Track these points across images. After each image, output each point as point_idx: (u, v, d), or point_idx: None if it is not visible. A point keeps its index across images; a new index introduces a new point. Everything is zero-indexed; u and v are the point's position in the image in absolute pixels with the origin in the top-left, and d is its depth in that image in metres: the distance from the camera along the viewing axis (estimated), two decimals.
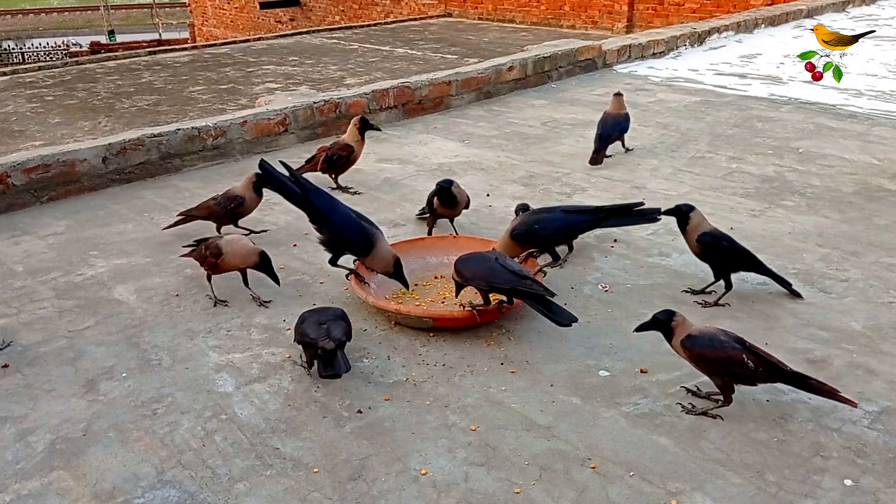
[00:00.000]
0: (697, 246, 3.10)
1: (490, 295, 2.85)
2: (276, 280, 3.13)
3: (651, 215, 3.28)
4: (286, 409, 2.48)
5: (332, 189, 4.34)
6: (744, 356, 2.34)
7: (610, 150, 4.93)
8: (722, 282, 3.11)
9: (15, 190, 4.27)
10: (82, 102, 9.25)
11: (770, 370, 2.35)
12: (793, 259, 3.51)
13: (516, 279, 2.76)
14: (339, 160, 4.37)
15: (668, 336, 2.46)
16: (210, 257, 3.11)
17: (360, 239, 3.09)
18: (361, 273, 3.18)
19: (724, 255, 3.09)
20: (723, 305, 3.08)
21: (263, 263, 3.09)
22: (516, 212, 3.50)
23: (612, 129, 4.88)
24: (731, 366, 2.35)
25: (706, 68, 7.90)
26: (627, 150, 5.08)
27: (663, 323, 2.45)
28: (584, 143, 5.41)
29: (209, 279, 3.21)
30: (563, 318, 2.70)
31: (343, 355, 2.54)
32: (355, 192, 4.40)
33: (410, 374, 2.67)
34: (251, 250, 3.10)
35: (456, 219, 3.81)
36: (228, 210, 3.68)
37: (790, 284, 3.15)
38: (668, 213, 3.16)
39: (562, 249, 3.45)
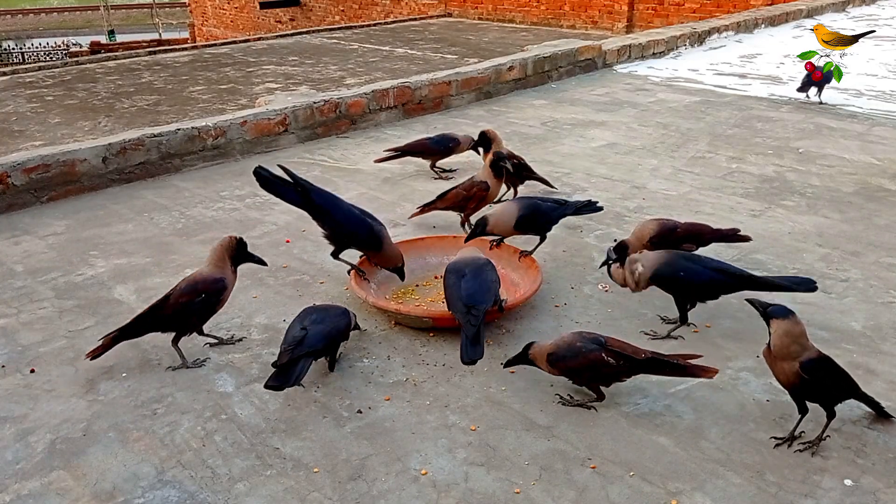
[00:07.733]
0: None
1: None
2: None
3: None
4: (286, 409, 2.48)
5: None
6: (603, 355, 2.40)
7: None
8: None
9: (15, 190, 4.27)
10: (82, 102, 9.24)
11: (630, 364, 2.40)
12: (793, 259, 3.51)
13: (461, 311, 2.66)
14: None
15: (534, 364, 2.52)
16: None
17: (365, 232, 3.12)
18: (364, 269, 3.19)
19: None
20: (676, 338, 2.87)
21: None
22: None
23: (823, 78, 6.32)
24: (595, 369, 2.41)
25: (706, 68, 7.90)
26: (822, 103, 6.33)
27: (524, 356, 2.53)
28: (584, 142, 5.41)
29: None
30: (464, 355, 2.52)
31: (304, 365, 2.45)
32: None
33: (410, 374, 2.67)
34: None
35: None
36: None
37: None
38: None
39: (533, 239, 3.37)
